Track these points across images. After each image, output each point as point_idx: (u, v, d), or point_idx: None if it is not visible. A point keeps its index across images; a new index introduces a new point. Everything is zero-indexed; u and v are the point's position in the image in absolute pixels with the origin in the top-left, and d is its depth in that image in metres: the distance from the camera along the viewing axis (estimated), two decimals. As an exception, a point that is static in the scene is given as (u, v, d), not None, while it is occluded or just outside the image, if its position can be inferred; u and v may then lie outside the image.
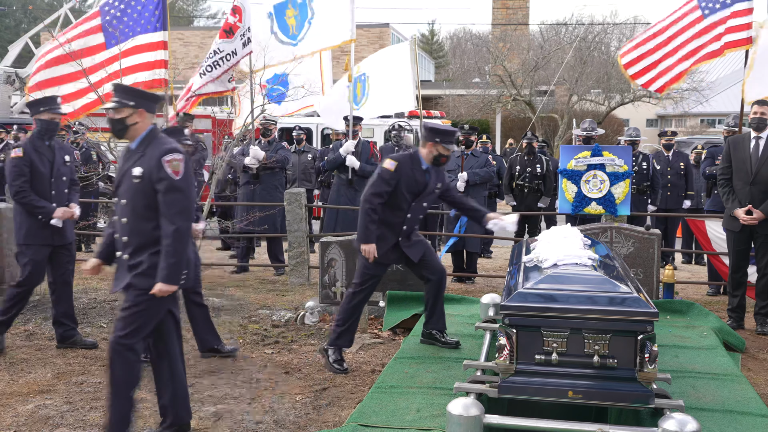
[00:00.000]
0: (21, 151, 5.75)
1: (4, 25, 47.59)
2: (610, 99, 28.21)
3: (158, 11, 8.29)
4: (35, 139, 5.88)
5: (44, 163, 5.84)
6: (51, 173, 5.88)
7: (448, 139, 5.34)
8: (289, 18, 9.44)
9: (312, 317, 6.81)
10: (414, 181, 5.34)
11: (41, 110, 5.86)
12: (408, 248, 5.47)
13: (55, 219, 5.81)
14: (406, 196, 5.34)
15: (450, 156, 5.44)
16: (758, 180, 6.51)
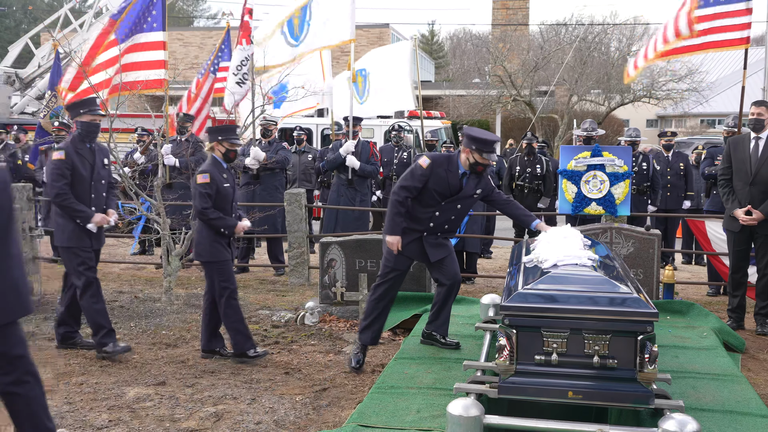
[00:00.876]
0: (63, 153, 5.69)
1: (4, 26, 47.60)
2: (610, 99, 28.22)
3: (156, 11, 8.29)
4: (76, 142, 5.82)
5: (85, 165, 5.79)
6: (91, 176, 5.83)
7: (486, 148, 5.29)
8: (294, 18, 9.46)
9: (312, 318, 6.81)
10: (446, 182, 5.32)
11: (81, 112, 5.81)
12: (430, 246, 5.44)
13: (91, 224, 5.74)
14: (435, 196, 5.34)
15: (488, 165, 5.41)
16: (758, 180, 6.51)
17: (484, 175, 5.51)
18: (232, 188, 5.77)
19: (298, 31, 9.43)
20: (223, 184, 5.64)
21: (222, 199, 5.62)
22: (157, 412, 4.64)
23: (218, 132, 5.76)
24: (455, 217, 5.49)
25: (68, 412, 4.64)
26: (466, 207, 5.54)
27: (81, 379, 5.28)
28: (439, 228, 5.45)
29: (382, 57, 11.24)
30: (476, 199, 5.56)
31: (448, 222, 5.48)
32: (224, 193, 5.63)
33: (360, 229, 9.01)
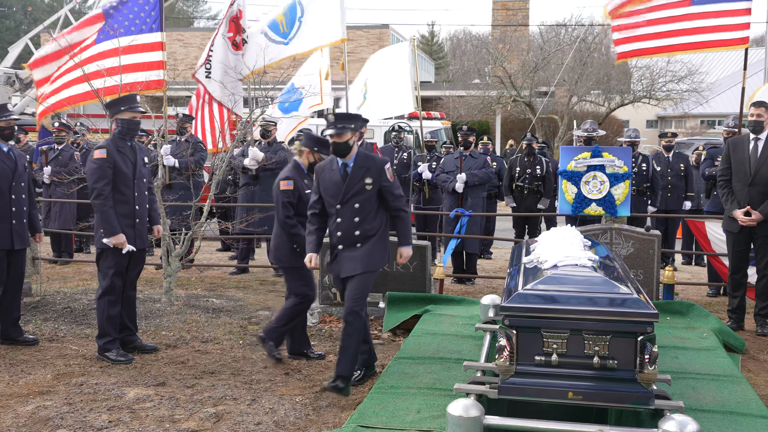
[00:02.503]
0: (105, 152, 5.59)
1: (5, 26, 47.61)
2: (610, 100, 28.21)
3: (155, 12, 8.28)
4: (117, 140, 5.73)
5: (127, 164, 5.71)
6: (134, 174, 5.76)
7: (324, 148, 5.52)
8: (278, 16, 9.44)
9: (312, 318, 6.80)
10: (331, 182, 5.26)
11: (122, 109, 5.75)
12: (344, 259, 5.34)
13: (108, 240, 5.63)
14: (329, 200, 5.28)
15: None
16: (757, 181, 6.51)
17: (373, 167, 4.98)
18: None
19: (286, 29, 9.38)
20: (306, 191, 5.58)
21: (304, 206, 5.48)
22: (157, 413, 4.64)
23: (316, 143, 5.66)
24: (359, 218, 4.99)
25: (68, 412, 4.64)
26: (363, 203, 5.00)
27: (81, 379, 5.28)
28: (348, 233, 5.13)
29: (381, 60, 11.23)
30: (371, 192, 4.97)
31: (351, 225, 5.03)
32: (306, 199, 5.50)
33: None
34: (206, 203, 7.73)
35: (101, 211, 5.62)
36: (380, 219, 5.01)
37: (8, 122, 6.03)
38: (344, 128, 4.85)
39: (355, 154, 4.95)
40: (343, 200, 4.94)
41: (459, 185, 8.95)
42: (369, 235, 4.94)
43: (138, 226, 5.84)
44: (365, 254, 4.92)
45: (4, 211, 5.96)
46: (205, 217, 7.77)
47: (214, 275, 9.44)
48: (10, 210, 5.98)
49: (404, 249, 5.08)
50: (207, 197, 7.77)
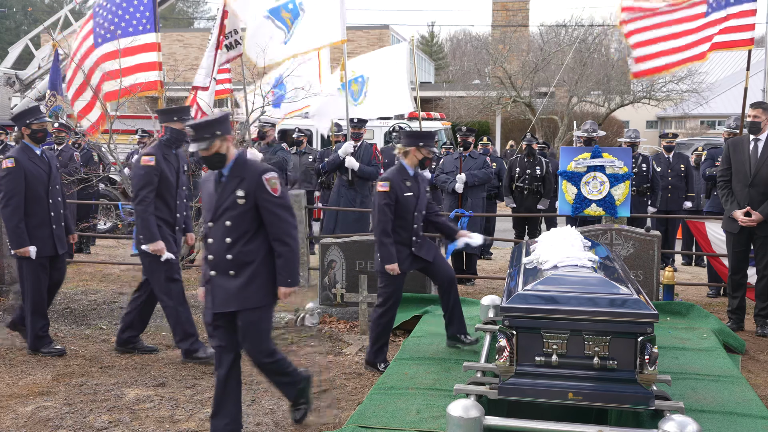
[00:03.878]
0: (153, 159, 5.58)
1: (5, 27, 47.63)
2: (610, 101, 28.20)
3: (149, 12, 8.26)
4: (163, 147, 5.74)
5: (172, 171, 5.72)
6: (177, 182, 5.77)
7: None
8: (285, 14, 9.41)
9: (312, 319, 6.81)
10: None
11: (174, 119, 5.76)
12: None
13: (146, 246, 5.60)
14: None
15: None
16: (757, 182, 6.51)
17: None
18: (416, 197, 5.41)
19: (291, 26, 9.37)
20: (405, 193, 5.35)
21: (402, 209, 5.34)
22: (157, 414, 4.64)
23: (419, 137, 5.47)
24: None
25: (68, 413, 4.64)
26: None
27: (81, 380, 5.28)
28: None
29: (379, 60, 11.23)
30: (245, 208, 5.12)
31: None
32: (404, 202, 5.34)
33: (360, 230, 9.00)
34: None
35: (142, 218, 5.58)
36: (260, 242, 4.17)
37: (41, 125, 5.99)
38: (211, 138, 4.06)
39: (232, 161, 4.19)
40: (214, 216, 4.22)
41: (459, 186, 8.96)
42: (245, 262, 4.12)
43: (178, 234, 5.84)
44: (240, 288, 4.12)
45: (44, 217, 5.90)
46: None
47: (214, 276, 9.42)
48: (49, 215, 5.93)
49: (282, 289, 4.18)
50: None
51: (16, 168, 5.75)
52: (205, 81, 8.67)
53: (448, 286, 5.53)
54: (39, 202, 5.87)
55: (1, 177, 5.79)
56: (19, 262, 5.90)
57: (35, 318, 5.90)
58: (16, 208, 5.74)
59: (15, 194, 5.73)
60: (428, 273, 5.65)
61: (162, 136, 5.83)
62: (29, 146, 5.91)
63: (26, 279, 5.89)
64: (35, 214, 5.83)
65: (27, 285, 5.90)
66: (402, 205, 5.35)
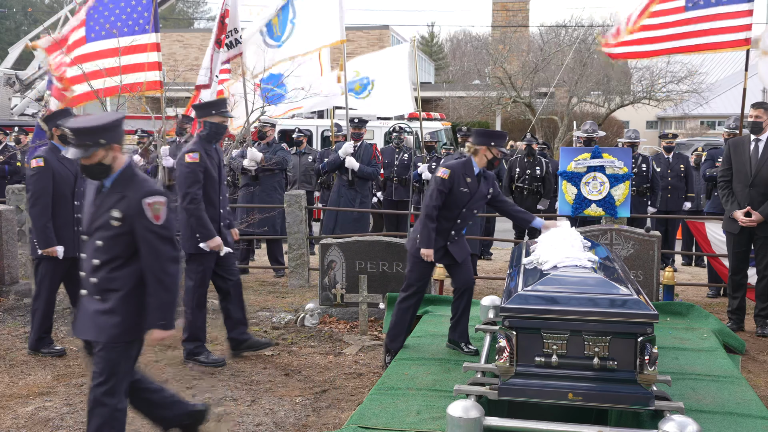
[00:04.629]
0: (197, 155, 5.50)
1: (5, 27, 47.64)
2: (609, 101, 28.21)
3: (147, 13, 8.26)
4: (204, 142, 5.66)
5: (214, 166, 5.65)
6: (219, 177, 5.71)
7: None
8: (272, 18, 9.39)
9: (312, 319, 6.81)
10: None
11: (212, 113, 5.68)
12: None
13: (204, 244, 5.54)
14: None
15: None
16: (757, 182, 6.51)
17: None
18: (471, 195, 5.36)
19: (279, 31, 9.34)
20: (461, 188, 5.31)
21: (453, 201, 5.32)
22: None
23: (490, 137, 5.39)
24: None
25: (68, 413, 4.64)
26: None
27: (81, 380, 5.28)
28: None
29: (381, 61, 11.24)
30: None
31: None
32: (457, 195, 5.31)
33: (359, 230, 9.01)
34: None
35: (196, 216, 5.50)
36: (132, 271, 3.59)
37: None
38: (93, 146, 3.53)
39: (117, 173, 3.61)
40: (88, 231, 3.70)
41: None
42: (110, 289, 3.58)
43: (223, 229, 5.79)
44: (100, 316, 3.58)
45: (68, 218, 5.87)
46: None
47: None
48: (73, 216, 5.89)
49: (154, 332, 3.63)
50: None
51: (45, 168, 5.73)
52: (206, 79, 8.67)
53: (463, 292, 5.51)
54: (64, 203, 5.85)
55: (30, 176, 5.79)
56: (38, 261, 5.88)
57: (43, 319, 5.89)
58: (44, 208, 5.73)
59: (43, 194, 5.72)
60: (450, 272, 5.63)
61: (201, 131, 5.74)
62: (58, 147, 5.89)
63: (42, 279, 5.86)
64: (60, 214, 5.82)
65: (42, 285, 5.87)
66: (454, 198, 5.35)
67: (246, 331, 5.93)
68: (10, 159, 10.72)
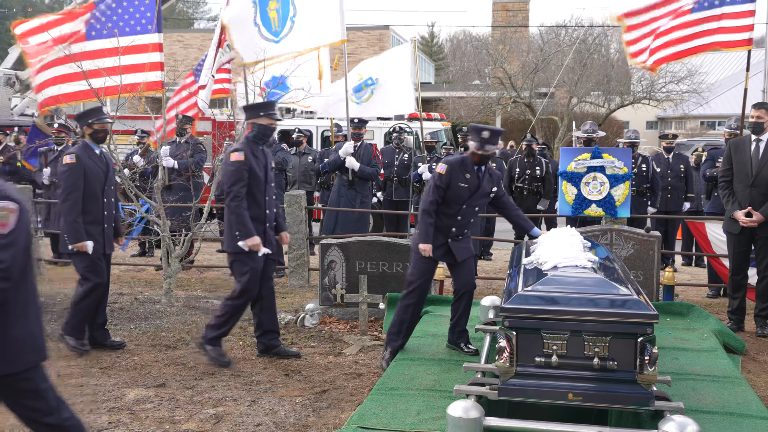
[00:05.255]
0: (242, 154, 5.54)
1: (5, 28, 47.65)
2: (609, 101, 28.22)
3: (150, 13, 8.26)
4: (251, 143, 5.69)
5: (260, 167, 5.66)
6: (265, 178, 5.72)
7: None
8: (270, 11, 9.31)
9: (312, 319, 6.80)
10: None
11: (261, 114, 5.70)
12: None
13: (243, 242, 5.52)
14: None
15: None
16: (758, 182, 6.51)
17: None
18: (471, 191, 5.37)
19: (278, 26, 9.28)
20: (459, 183, 5.35)
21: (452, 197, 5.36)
22: (157, 414, 4.64)
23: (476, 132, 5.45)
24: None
25: (68, 414, 4.63)
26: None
27: (81, 380, 5.28)
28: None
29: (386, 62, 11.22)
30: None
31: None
32: (456, 191, 5.35)
33: (360, 230, 9.00)
34: (206, 204, 7.73)
35: (236, 213, 5.52)
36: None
37: (102, 125, 6.04)
38: None
39: None
40: None
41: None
42: None
43: (268, 230, 5.78)
44: None
45: (97, 215, 5.96)
46: (205, 219, 7.77)
47: (214, 276, 9.43)
48: (102, 214, 5.99)
49: None
50: (207, 198, 7.78)
51: (76, 164, 5.83)
52: (204, 79, 8.67)
53: (463, 294, 5.51)
54: (95, 200, 5.93)
55: (62, 172, 5.89)
56: (72, 258, 5.97)
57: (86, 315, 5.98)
58: (74, 203, 5.82)
59: (74, 189, 5.82)
60: (452, 272, 5.62)
61: (249, 132, 5.75)
62: (89, 145, 5.98)
63: (87, 275, 5.92)
64: (90, 211, 5.90)
65: (90, 280, 5.92)
66: (453, 193, 5.35)
67: (277, 338, 5.92)
68: (10, 159, 10.73)
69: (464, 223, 5.48)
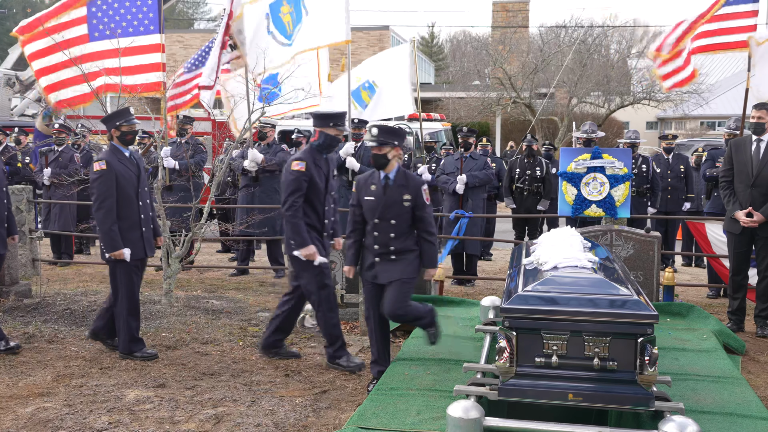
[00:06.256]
0: (304, 165, 5.49)
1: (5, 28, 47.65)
2: (609, 102, 28.22)
3: (153, 14, 8.25)
4: (314, 152, 5.63)
5: (321, 177, 5.62)
6: (326, 187, 5.69)
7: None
8: (284, 15, 9.35)
9: (312, 320, 6.80)
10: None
11: (330, 125, 5.65)
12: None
13: (298, 252, 5.50)
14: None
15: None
16: (759, 182, 6.51)
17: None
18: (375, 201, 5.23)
19: (292, 29, 9.32)
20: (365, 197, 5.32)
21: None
22: (156, 415, 4.64)
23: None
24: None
25: (68, 414, 4.64)
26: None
27: (81, 381, 5.28)
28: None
29: (381, 62, 11.22)
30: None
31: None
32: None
33: (360, 231, 8.99)
34: (206, 205, 7.73)
35: (292, 223, 5.49)
36: None
37: (131, 127, 5.92)
38: None
39: None
40: None
41: (459, 186, 8.95)
42: None
43: (325, 240, 5.74)
44: None
45: (134, 220, 5.84)
46: (205, 219, 7.77)
47: (214, 277, 9.44)
48: (139, 218, 5.88)
49: None
50: (207, 199, 7.78)
51: (107, 170, 5.70)
52: (208, 80, 8.66)
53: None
54: (129, 204, 5.81)
55: (93, 179, 5.74)
56: (112, 266, 5.83)
57: (130, 319, 5.85)
58: (108, 211, 5.69)
59: (107, 197, 5.69)
60: None
61: (315, 140, 5.68)
62: (119, 148, 5.86)
63: (120, 282, 5.82)
64: (126, 216, 5.78)
65: (121, 288, 5.82)
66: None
67: (283, 340, 5.94)
68: (10, 160, 10.72)
69: (385, 239, 5.03)
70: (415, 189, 5.01)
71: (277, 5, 9.25)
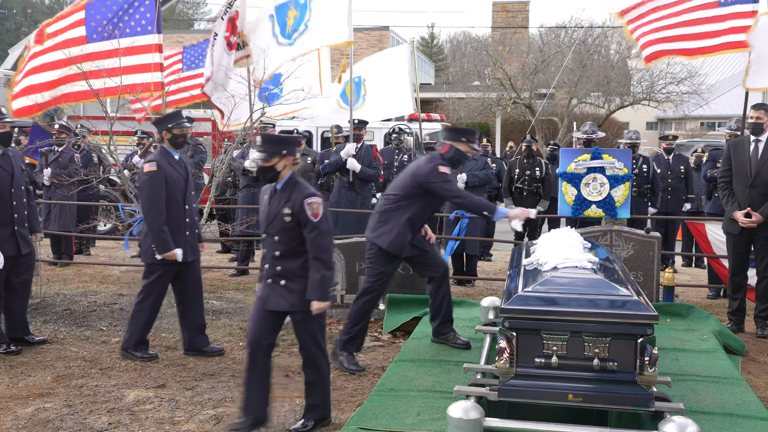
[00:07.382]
0: (448, 169, 5.51)
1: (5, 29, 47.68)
2: (609, 102, 28.23)
3: (151, 14, 8.26)
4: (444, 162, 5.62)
5: None
6: None
7: None
8: (289, 18, 9.39)
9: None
10: None
11: (462, 140, 5.60)
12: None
13: None
14: None
15: None
16: (757, 183, 6.52)
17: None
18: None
19: (292, 29, 9.32)
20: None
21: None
22: (156, 415, 4.64)
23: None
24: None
25: (68, 414, 4.64)
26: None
27: (81, 381, 5.28)
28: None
29: (379, 62, 11.22)
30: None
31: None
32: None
33: (360, 231, 8.99)
34: (206, 205, 7.73)
35: None
36: None
37: (182, 130, 5.85)
38: None
39: None
40: None
41: (459, 185, 8.95)
42: None
43: None
44: None
45: (180, 222, 5.80)
46: (205, 219, 7.77)
47: (214, 277, 9.43)
48: (185, 221, 5.83)
49: None
50: (207, 199, 7.78)
51: (157, 172, 5.64)
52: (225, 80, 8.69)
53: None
54: (176, 207, 5.77)
55: (144, 181, 5.69)
56: (150, 268, 5.78)
57: (149, 322, 5.88)
58: (159, 213, 5.65)
59: (157, 198, 5.64)
60: None
61: (445, 151, 5.61)
62: (168, 151, 5.81)
63: (154, 284, 5.80)
64: (172, 219, 5.74)
65: (154, 291, 5.81)
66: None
67: None
68: (10, 160, 10.71)
69: (270, 257, 4.36)
70: (297, 203, 4.23)
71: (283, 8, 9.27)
